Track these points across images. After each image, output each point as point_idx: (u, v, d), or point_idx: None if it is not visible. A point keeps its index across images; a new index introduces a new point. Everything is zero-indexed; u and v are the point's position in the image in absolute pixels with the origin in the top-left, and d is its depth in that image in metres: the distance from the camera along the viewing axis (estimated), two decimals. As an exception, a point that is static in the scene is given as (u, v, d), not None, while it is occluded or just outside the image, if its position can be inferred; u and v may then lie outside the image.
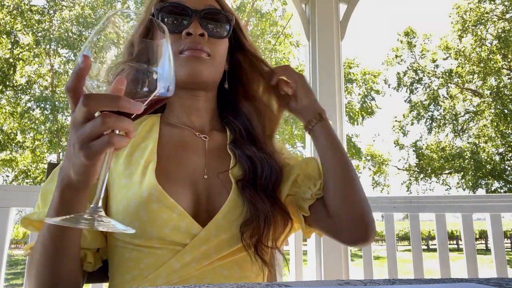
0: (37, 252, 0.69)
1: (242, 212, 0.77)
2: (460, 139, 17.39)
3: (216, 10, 0.85)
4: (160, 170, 0.78)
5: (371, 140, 21.39)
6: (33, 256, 0.71)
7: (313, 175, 0.86)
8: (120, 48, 0.57)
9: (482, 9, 16.15)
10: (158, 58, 0.54)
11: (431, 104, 17.91)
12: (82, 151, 0.52)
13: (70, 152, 0.55)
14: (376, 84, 16.81)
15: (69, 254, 0.68)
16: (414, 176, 18.29)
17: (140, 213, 0.73)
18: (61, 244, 0.66)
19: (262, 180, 0.82)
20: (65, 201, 0.60)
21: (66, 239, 0.66)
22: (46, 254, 0.67)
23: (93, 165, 0.54)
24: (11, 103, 13.60)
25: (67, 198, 0.60)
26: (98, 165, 0.55)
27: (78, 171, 0.56)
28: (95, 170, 0.55)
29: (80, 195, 0.61)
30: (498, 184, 16.46)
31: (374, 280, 0.53)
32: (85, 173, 0.55)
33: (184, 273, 0.73)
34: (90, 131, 0.51)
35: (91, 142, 0.52)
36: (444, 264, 1.98)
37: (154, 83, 0.53)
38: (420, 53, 18.28)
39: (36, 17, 13.78)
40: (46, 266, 0.68)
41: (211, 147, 0.88)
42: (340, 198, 0.81)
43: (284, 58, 14.37)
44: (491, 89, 16.03)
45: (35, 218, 0.76)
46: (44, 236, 0.67)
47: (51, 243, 0.66)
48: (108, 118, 0.50)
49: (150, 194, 0.73)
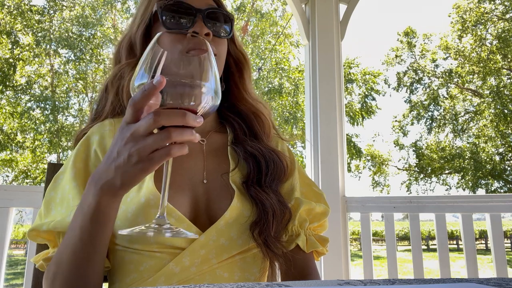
0: (64, 260, 0.68)
1: (249, 216, 0.78)
2: (460, 139, 17.39)
3: (218, 10, 0.85)
4: (159, 175, 0.77)
5: (371, 140, 21.39)
6: (55, 267, 0.70)
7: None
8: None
9: (482, 9, 16.15)
10: (204, 72, 0.55)
11: (431, 104, 17.91)
12: (141, 163, 0.54)
13: (120, 163, 0.56)
14: (376, 84, 16.81)
15: (98, 258, 0.69)
16: (414, 176, 18.29)
17: (138, 219, 0.72)
18: (93, 248, 0.67)
19: (267, 177, 0.82)
20: (102, 208, 0.62)
21: (98, 242, 0.67)
22: (76, 259, 0.67)
23: (146, 175, 0.56)
24: (11, 103, 13.59)
25: (104, 205, 0.62)
26: (148, 174, 0.57)
27: (129, 180, 0.57)
28: (144, 177, 0.57)
29: (117, 201, 0.63)
30: (498, 184, 16.46)
31: (374, 280, 0.53)
32: (135, 182, 0.57)
33: (184, 276, 0.73)
34: (153, 144, 0.53)
35: (151, 154, 0.53)
36: (444, 264, 1.98)
37: (204, 96, 0.55)
38: (420, 53, 18.28)
39: (36, 17, 13.76)
40: (75, 272, 0.68)
41: (209, 149, 0.87)
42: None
43: (284, 58, 14.37)
44: (491, 89, 16.03)
45: (44, 229, 0.75)
46: (73, 242, 0.67)
47: (81, 247, 0.66)
48: (173, 132, 0.52)
49: (148, 199, 0.73)
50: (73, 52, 14.03)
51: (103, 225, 0.65)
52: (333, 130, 2.29)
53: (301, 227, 0.84)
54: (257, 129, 0.91)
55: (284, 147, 0.97)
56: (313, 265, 0.85)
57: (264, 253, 0.76)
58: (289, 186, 0.88)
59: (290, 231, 0.83)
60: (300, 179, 0.92)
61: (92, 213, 0.63)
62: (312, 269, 0.84)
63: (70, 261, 0.68)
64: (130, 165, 0.55)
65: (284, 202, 0.82)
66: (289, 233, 0.83)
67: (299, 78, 13.71)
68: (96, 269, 0.69)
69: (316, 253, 0.87)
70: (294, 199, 0.85)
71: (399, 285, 0.48)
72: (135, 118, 0.55)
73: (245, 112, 0.93)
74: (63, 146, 13.85)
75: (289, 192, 0.87)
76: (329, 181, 2.23)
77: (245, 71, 0.94)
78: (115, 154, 0.57)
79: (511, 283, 0.50)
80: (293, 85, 13.79)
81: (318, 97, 2.34)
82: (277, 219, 0.78)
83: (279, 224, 0.79)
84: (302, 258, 0.82)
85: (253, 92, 0.96)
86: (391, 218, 2.12)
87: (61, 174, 0.82)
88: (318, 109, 2.32)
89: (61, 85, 14.38)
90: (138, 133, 0.54)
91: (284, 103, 13.41)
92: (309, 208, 0.85)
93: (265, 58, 14.17)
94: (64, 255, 0.69)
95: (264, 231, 0.75)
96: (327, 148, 2.27)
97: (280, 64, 14.15)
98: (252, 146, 0.86)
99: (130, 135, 0.55)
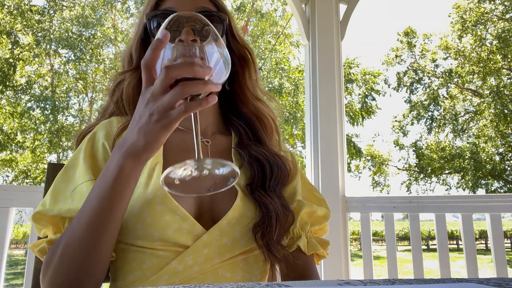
0: (76, 232, 0.67)
1: (252, 217, 0.78)
2: (460, 139, 17.39)
3: (208, 12, 0.84)
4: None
5: (371, 140, 21.38)
6: (64, 243, 0.69)
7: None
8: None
9: (482, 9, 16.15)
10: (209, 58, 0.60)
11: (431, 104, 17.91)
12: (162, 120, 0.57)
13: (142, 123, 0.59)
14: (376, 84, 16.81)
15: (114, 227, 0.68)
16: (414, 176, 18.29)
17: (143, 215, 0.73)
18: (111, 214, 0.66)
19: (271, 181, 0.83)
20: (125, 171, 0.63)
21: (116, 208, 0.66)
22: (91, 227, 0.66)
23: (167, 133, 0.58)
24: (11, 103, 13.59)
25: (128, 169, 0.63)
26: (161, 144, 0.60)
27: (151, 139, 0.59)
28: (165, 138, 0.60)
29: (140, 166, 0.64)
30: (498, 184, 16.46)
31: (374, 280, 0.53)
32: (157, 142, 0.59)
33: (186, 275, 0.73)
34: (170, 99, 0.56)
35: (170, 112, 0.56)
36: (444, 264, 1.98)
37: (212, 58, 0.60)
38: (420, 53, 18.29)
39: (36, 17, 13.76)
40: (88, 242, 0.67)
41: (214, 151, 0.88)
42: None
43: (284, 58, 14.37)
44: (491, 89, 16.03)
45: (54, 213, 0.74)
46: (90, 210, 0.66)
47: (99, 213, 0.66)
48: (185, 85, 0.55)
49: (154, 196, 0.74)
50: (73, 52, 14.02)
51: (124, 190, 0.65)
52: (333, 130, 2.29)
53: (302, 230, 0.84)
54: (260, 134, 0.91)
55: (286, 150, 0.97)
56: (313, 267, 0.85)
57: (266, 256, 0.77)
58: (292, 189, 0.89)
59: (292, 233, 0.83)
60: (302, 184, 0.92)
61: (114, 177, 0.64)
62: (312, 271, 0.84)
63: (85, 229, 0.66)
64: (152, 124, 0.58)
65: (287, 206, 0.82)
66: (290, 235, 0.83)
67: (299, 78, 13.71)
68: (109, 240, 0.68)
69: (316, 256, 0.87)
70: (296, 201, 0.86)
71: (399, 285, 0.48)
72: (150, 78, 0.59)
73: (249, 116, 0.93)
74: (63, 146, 13.85)
75: (291, 195, 0.88)
76: (329, 181, 2.23)
77: (248, 68, 0.93)
78: (137, 118, 0.61)
79: (511, 283, 0.50)
80: (293, 85, 13.79)
81: (318, 97, 2.34)
82: (280, 223, 0.78)
83: (282, 228, 0.79)
84: (302, 260, 0.83)
85: (257, 92, 0.95)
86: (391, 218, 2.12)
87: (71, 168, 0.81)
88: (318, 109, 2.32)
89: (61, 85, 14.38)
90: (156, 91, 0.57)
91: (284, 103, 13.41)
92: (311, 211, 0.86)
93: (265, 58, 14.17)
94: (77, 226, 0.67)
95: (266, 234, 0.76)
96: (327, 148, 2.27)
97: (280, 64, 14.15)
98: (256, 150, 0.87)
99: (150, 95, 0.58)
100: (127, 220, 0.74)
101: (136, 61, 0.88)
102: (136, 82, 0.86)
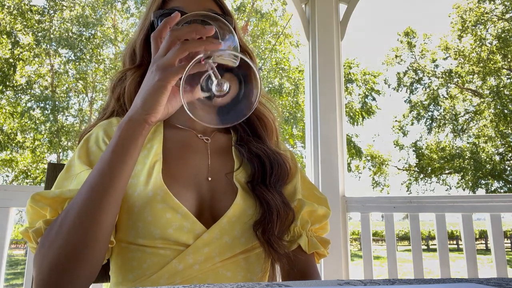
0: (76, 201, 0.65)
1: (252, 214, 0.78)
2: (460, 139, 17.39)
3: (215, 14, 0.85)
4: (165, 171, 0.78)
5: (371, 140, 21.41)
6: (62, 217, 0.66)
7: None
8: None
9: (482, 9, 16.15)
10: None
11: (431, 104, 17.91)
12: (161, 77, 0.61)
13: (145, 84, 0.64)
14: (376, 84, 16.81)
15: (116, 195, 0.66)
16: (414, 176, 18.29)
17: (144, 213, 0.73)
18: (112, 180, 0.65)
19: (272, 177, 0.83)
20: (127, 135, 0.65)
21: (118, 174, 0.65)
22: (92, 195, 0.64)
23: (165, 91, 0.61)
24: (11, 103, 13.59)
25: (129, 133, 0.65)
26: (167, 95, 0.62)
27: (150, 98, 0.62)
28: (163, 98, 0.62)
29: (141, 131, 0.65)
30: (498, 184, 16.46)
31: (374, 280, 0.53)
32: (156, 100, 0.62)
33: (187, 274, 0.73)
34: (170, 57, 0.61)
35: (169, 69, 0.61)
36: (444, 264, 1.98)
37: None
38: (420, 53, 18.28)
39: (36, 17, 13.76)
40: (88, 212, 0.64)
41: (214, 148, 0.88)
42: None
43: (284, 58, 14.37)
44: (491, 89, 16.03)
45: (56, 194, 0.71)
46: (91, 179, 0.65)
47: (100, 181, 0.64)
48: (185, 43, 0.60)
49: (155, 194, 0.74)
50: (73, 52, 14.02)
51: (125, 153, 0.65)
52: (333, 130, 2.29)
53: (302, 228, 0.84)
54: (260, 132, 0.92)
55: (286, 149, 0.98)
56: (314, 266, 0.85)
57: (267, 252, 0.77)
58: (292, 188, 0.89)
59: (292, 232, 0.83)
60: (302, 183, 0.92)
61: (116, 140, 0.65)
62: (313, 270, 0.84)
63: (87, 195, 0.65)
64: (152, 82, 0.62)
65: (288, 203, 0.82)
66: (291, 234, 0.83)
67: (299, 78, 13.70)
68: (110, 212, 0.66)
69: (317, 255, 0.87)
70: (296, 200, 0.86)
71: (399, 285, 0.48)
72: (157, 48, 0.63)
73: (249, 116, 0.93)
74: (63, 146, 13.84)
75: (292, 193, 0.88)
76: (329, 181, 2.23)
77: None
78: (143, 83, 0.65)
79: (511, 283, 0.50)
80: (293, 85, 13.79)
81: (318, 97, 2.34)
82: (281, 219, 0.78)
83: (283, 224, 0.79)
84: (303, 259, 0.82)
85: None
86: (391, 218, 2.12)
87: (72, 167, 0.80)
88: (318, 109, 2.32)
89: (61, 85, 14.38)
90: (160, 53, 0.62)
91: (284, 103, 13.40)
92: (311, 209, 0.86)
93: (265, 58, 14.17)
94: (79, 195, 0.65)
95: (268, 230, 0.76)
96: (327, 148, 2.27)
97: (280, 64, 14.14)
98: (257, 147, 0.87)
99: (155, 58, 0.63)
100: (127, 219, 0.74)
101: (140, 59, 0.88)
102: (139, 79, 0.86)
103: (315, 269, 0.85)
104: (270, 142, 0.93)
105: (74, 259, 0.64)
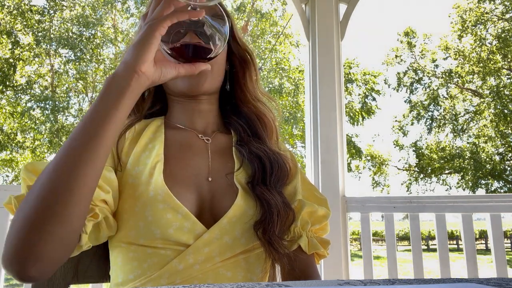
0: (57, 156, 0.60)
1: (253, 215, 0.78)
2: (460, 139, 17.38)
3: None
4: (166, 171, 0.78)
5: (371, 140, 21.39)
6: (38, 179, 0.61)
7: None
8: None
9: (482, 9, 16.14)
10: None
11: (431, 104, 17.90)
12: (149, 25, 0.64)
13: (138, 36, 0.65)
14: (376, 84, 16.80)
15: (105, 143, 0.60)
16: (414, 176, 18.28)
17: (145, 213, 0.73)
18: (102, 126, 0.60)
19: (272, 177, 0.83)
20: (113, 84, 0.62)
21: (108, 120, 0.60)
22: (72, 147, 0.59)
23: (152, 39, 0.63)
24: (11, 103, 13.59)
25: (115, 81, 0.63)
26: (155, 44, 0.63)
27: (139, 46, 0.63)
28: (152, 47, 0.63)
29: (126, 81, 0.62)
30: (498, 184, 16.45)
31: (374, 280, 0.53)
32: (143, 47, 0.63)
33: (187, 274, 0.73)
34: (159, 9, 0.65)
35: (158, 18, 0.64)
36: (444, 264, 1.98)
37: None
38: (420, 53, 18.28)
39: (36, 17, 13.75)
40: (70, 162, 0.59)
41: (214, 149, 0.88)
42: None
43: (284, 58, 14.37)
44: (491, 89, 16.02)
45: (43, 167, 0.66)
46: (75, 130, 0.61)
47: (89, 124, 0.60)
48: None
49: (156, 194, 0.74)
50: (73, 52, 14.01)
51: (113, 102, 0.61)
52: (333, 130, 2.29)
53: (303, 229, 0.84)
54: (261, 132, 0.92)
55: (285, 149, 0.98)
56: (314, 267, 0.85)
57: (268, 252, 0.77)
58: (292, 188, 0.89)
59: (292, 232, 0.83)
60: (302, 184, 0.92)
61: (103, 92, 0.62)
62: (313, 271, 0.84)
63: (65, 148, 0.60)
64: (141, 33, 0.64)
65: (288, 203, 0.82)
66: (291, 234, 0.83)
67: (299, 78, 13.70)
68: (89, 173, 0.60)
69: (317, 256, 0.87)
70: (297, 200, 0.86)
71: (399, 285, 0.48)
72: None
73: (249, 115, 0.93)
74: (63, 146, 13.82)
75: (292, 194, 0.88)
76: (329, 181, 2.23)
77: (248, 70, 0.94)
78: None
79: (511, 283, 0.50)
80: (293, 85, 13.79)
81: (318, 97, 2.34)
82: (281, 219, 0.78)
83: (283, 225, 0.79)
84: (303, 260, 0.82)
85: (257, 93, 0.95)
86: (391, 218, 2.12)
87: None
88: (318, 109, 2.32)
89: (61, 85, 14.38)
90: (149, 15, 0.68)
91: (284, 103, 13.40)
92: (312, 210, 0.86)
93: (265, 58, 14.16)
94: (60, 150, 0.60)
95: (268, 230, 0.76)
96: (327, 148, 2.27)
97: (280, 64, 14.14)
98: (257, 147, 0.87)
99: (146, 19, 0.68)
100: (128, 218, 0.74)
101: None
102: None
103: (315, 270, 0.85)
104: (270, 142, 0.93)
105: (49, 215, 0.57)
